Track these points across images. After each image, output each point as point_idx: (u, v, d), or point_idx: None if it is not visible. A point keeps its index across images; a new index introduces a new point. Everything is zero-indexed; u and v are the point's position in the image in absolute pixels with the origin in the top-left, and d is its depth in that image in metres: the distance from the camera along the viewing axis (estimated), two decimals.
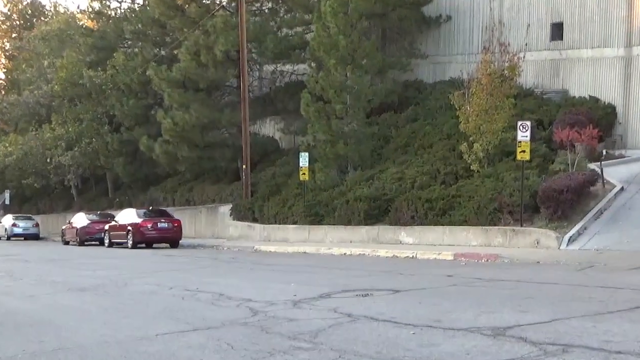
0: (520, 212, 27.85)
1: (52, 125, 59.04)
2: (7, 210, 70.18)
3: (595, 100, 37.69)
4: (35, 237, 58.50)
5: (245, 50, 42.42)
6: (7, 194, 71.26)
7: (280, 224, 39.17)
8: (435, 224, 30.77)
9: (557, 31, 40.49)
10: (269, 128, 51.67)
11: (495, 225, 28.44)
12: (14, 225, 58.55)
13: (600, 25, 38.38)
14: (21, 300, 16.22)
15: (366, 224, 33.89)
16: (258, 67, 52.57)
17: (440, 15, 45.61)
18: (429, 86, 44.97)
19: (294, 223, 38.18)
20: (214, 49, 44.76)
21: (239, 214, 42.86)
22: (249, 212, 41.91)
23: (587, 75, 38.99)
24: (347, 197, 35.51)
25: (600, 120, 35.22)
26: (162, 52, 51.40)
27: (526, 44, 39.75)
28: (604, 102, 37.60)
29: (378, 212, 33.91)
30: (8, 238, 58.30)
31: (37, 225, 59.28)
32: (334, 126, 38.81)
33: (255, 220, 41.26)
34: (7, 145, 60.51)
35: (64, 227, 50.55)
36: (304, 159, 37.80)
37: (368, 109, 40.61)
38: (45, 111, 62.06)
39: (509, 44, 35.74)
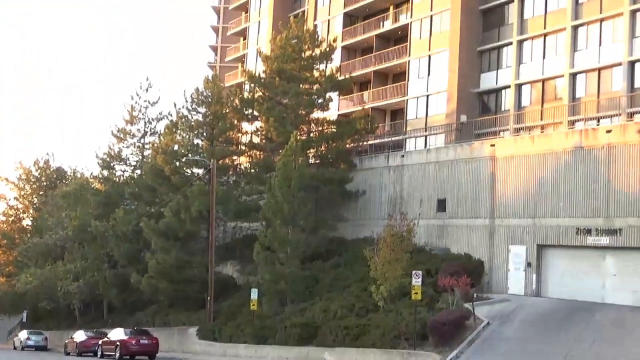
0: (414, 339, 28.22)
1: (64, 262, 58.35)
2: (23, 326, 68.69)
3: (468, 256, 38.07)
4: (44, 348, 56.42)
5: (214, 211, 42.66)
6: (24, 314, 70.55)
7: (234, 343, 38.51)
8: (351, 347, 30.90)
9: (441, 205, 41.27)
10: (229, 269, 51.24)
11: (395, 348, 28.89)
12: (27, 338, 56.74)
13: (472, 202, 39.28)
14: None
15: (299, 345, 33.81)
16: (223, 223, 52.76)
17: (358, 190, 46.41)
18: (349, 242, 45.09)
19: (245, 342, 37.60)
20: (191, 209, 45.15)
21: (203, 335, 41.98)
22: (210, 333, 41.15)
23: (463, 238, 39.55)
24: (286, 324, 35.58)
25: (472, 271, 35.52)
26: (152, 210, 51.27)
27: (419, 214, 40.66)
28: (475, 258, 37.96)
29: (309, 336, 33.99)
30: (22, 349, 56.37)
31: (46, 339, 57.45)
32: (277, 269, 39.01)
33: (215, 339, 40.40)
34: (28, 275, 59.28)
35: (66, 341, 48.89)
36: (254, 294, 37.97)
37: (303, 257, 40.84)
38: (59, 251, 61.64)
39: (407, 213, 36.60)
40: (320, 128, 49.07)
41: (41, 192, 78.08)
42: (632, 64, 39.65)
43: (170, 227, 46.43)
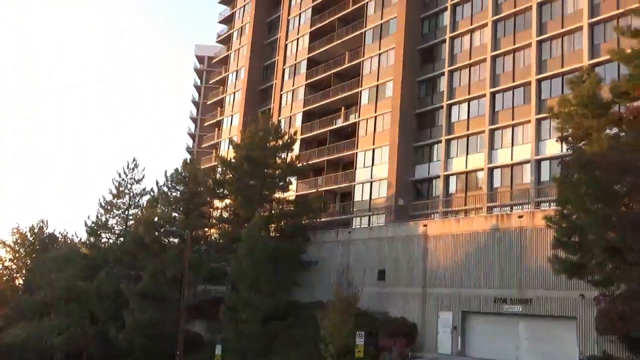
0: None
1: (51, 318, 55.91)
2: None
3: (404, 320, 37.96)
4: None
5: (186, 275, 41.80)
6: None
7: None
8: None
9: (382, 275, 41.37)
10: (198, 327, 49.79)
11: None
12: None
13: (407, 273, 39.52)
14: None
15: None
16: (194, 286, 51.63)
17: (311, 260, 46.31)
18: (303, 305, 44.40)
19: None
20: (166, 273, 44.31)
21: None
22: None
23: (400, 304, 39.54)
24: None
25: (407, 332, 35.56)
26: (132, 273, 50.11)
27: (363, 282, 40.61)
28: (410, 321, 37.86)
29: None
30: None
31: None
32: (240, 328, 38.32)
33: None
34: (18, 330, 56.70)
35: None
36: (218, 349, 37.40)
37: (263, 318, 40.06)
38: (47, 308, 59.10)
39: (352, 281, 36.46)
40: (280, 206, 49.30)
41: (34, 255, 75.69)
42: (538, 162, 40.78)
43: (147, 289, 45.28)
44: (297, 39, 63.91)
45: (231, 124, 70.93)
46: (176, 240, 50.25)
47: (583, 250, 23.85)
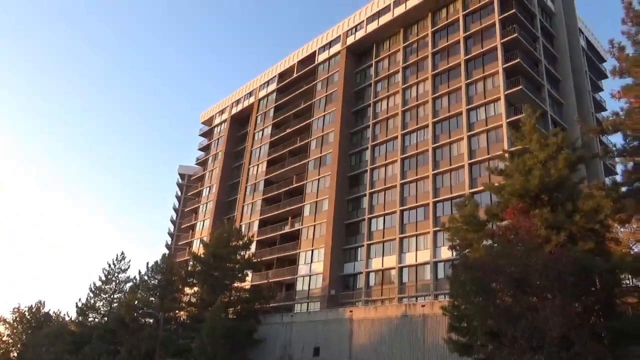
0: None
1: None
2: None
3: None
4: None
5: (158, 350, 38.95)
6: None
7: None
8: None
9: (317, 351, 39.43)
10: None
11: None
12: None
13: (337, 350, 37.74)
14: None
15: None
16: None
17: (261, 339, 43.92)
18: None
19: None
20: (141, 348, 41.08)
21: None
22: None
23: None
24: None
25: None
26: (111, 347, 46.19)
27: (301, 357, 38.61)
28: None
29: None
30: None
31: None
32: None
33: None
34: None
35: None
36: None
37: None
38: None
39: (293, 354, 34.52)
40: (238, 294, 47.26)
41: (29, 331, 69.20)
42: (435, 263, 41.18)
43: None
44: (257, 164, 64.69)
45: (203, 227, 69.38)
46: (151, 320, 47.20)
47: (470, 333, 23.52)
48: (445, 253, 39.32)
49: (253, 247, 53.39)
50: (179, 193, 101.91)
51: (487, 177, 37.90)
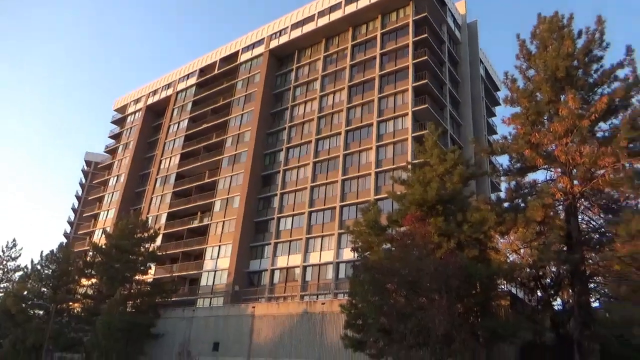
0: None
1: None
2: None
3: None
4: None
5: (46, 344, 35.90)
6: None
7: None
8: None
9: (216, 346, 38.59)
10: None
11: None
12: None
13: (237, 345, 37.36)
14: None
15: None
16: (51, 354, 43.92)
17: (159, 333, 42.15)
18: None
19: None
20: (26, 341, 37.61)
21: None
22: None
23: None
24: None
25: None
26: None
27: (199, 352, 37.54)
28: None
29: None
30: None
31: None
32: None
33: None
34: None
35: None
36: None
37: None
38: None
39: (192, 350, 33.43)
40: (139, 287, 44.95)
41: None
42: (338, 264, 42.06)
43: (7, 356, 38.00)
44: (170, 157, 62.20)
45: (107, 216, 65.23)
46: (41, 312, 43.48)
47: (364, 330, 24.32)
48: (348, 254, 40.32)
49: (159, 240, 51.15)
50: (84, 180, 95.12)
51: (391, 185, 39.53)
